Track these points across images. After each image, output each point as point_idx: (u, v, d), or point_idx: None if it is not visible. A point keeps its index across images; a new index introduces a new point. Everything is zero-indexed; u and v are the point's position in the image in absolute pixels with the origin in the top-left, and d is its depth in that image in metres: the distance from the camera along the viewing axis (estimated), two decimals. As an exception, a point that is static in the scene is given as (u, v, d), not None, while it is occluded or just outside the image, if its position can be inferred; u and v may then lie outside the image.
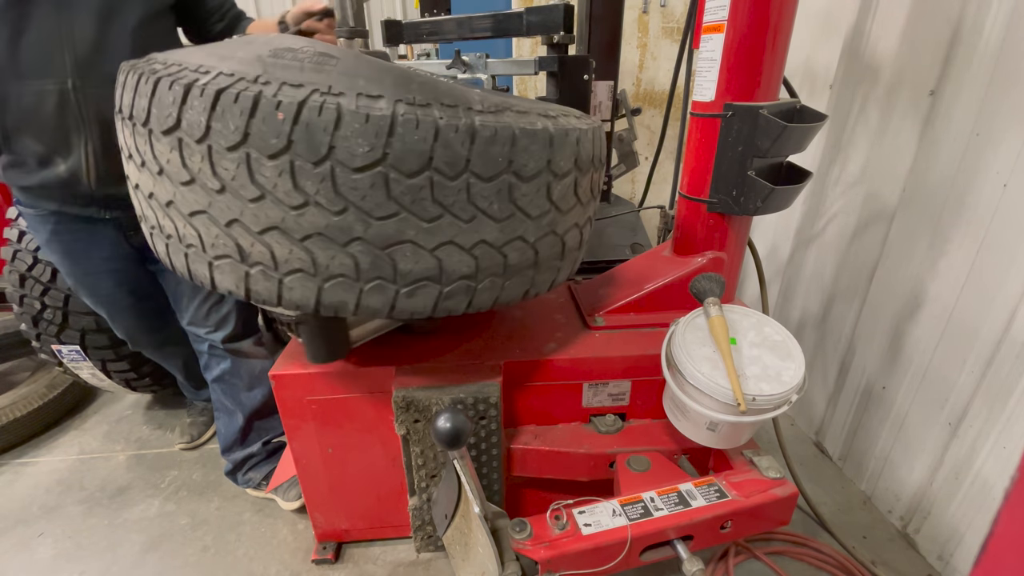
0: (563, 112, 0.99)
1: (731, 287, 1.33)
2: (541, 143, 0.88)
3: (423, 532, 1.31)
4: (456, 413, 0.90)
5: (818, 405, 1.86)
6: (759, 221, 2.16)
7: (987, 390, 1.25)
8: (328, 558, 1.43)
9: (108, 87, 0.98)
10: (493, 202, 0.86)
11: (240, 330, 1.56)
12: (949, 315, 1.33)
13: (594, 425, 1.30)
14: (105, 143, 1.24)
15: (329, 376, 1.19)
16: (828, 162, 1.74)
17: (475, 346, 1.28)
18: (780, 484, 1.11)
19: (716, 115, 1.13)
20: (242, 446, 1.66)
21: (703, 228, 1.27)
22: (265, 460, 1.69)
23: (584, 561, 0.99)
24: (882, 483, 1.59)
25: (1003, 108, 1.18)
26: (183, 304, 1.52)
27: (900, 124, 1.46)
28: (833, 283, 1.77)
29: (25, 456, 1.92)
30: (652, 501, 1.06)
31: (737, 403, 0.96)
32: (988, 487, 1.25)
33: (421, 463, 1.20)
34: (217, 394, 1.63)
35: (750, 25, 1.04)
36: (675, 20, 2.99)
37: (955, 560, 1.35)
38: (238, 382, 1.61)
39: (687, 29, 1.74)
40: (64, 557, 1.52)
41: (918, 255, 1.41)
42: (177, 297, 1.52)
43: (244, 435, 1.64)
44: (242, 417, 1.62)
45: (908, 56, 1.43)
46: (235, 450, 1.66)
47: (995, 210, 1.20)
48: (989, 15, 1.20)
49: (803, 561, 1.42)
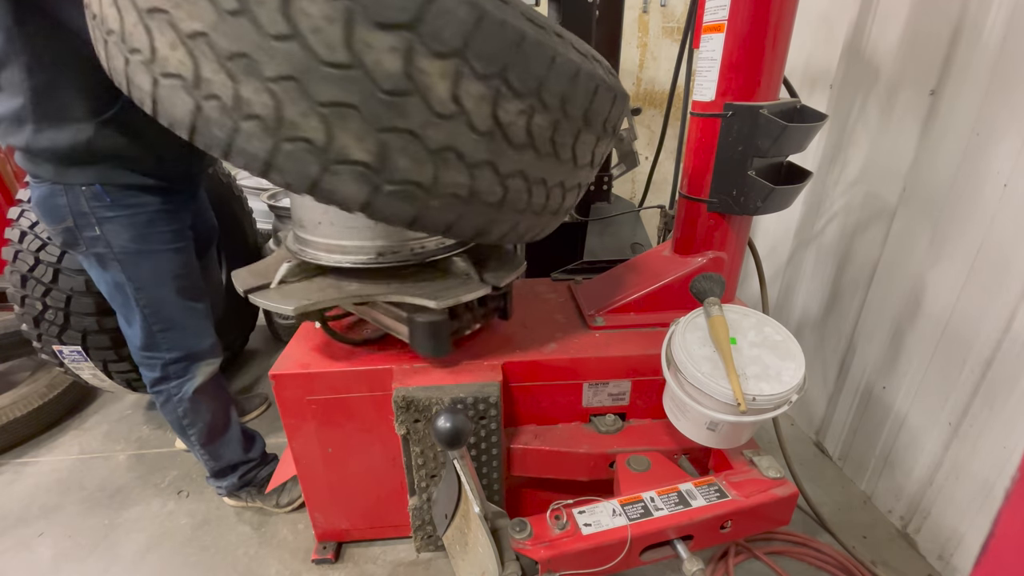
0: (599, 62, 0.99)
1: (731, 287, 1.33)
2: (605, 95, 0.91)
3: (423, 532, 1.31)
4: (456, 413, 0.90)
5: (818, 405, 1.86)
6: (759, 221, 2.16)
7: (987, 390, 1.25)
8: (328, 558, 1.43)
9: None
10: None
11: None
12: (949, 314, 1.33)
13: (594, 425, 1.30)
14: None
15: (329, 376, 1.19)
16: (828, 162, 1.74)
17: (475, 346, 1.28)
18: (780, 484, 1.11)
19: (716, 115, 1.13)
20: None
21: (703, 228, 1.27)
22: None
23: (584, 561, 0.99)
24: (882, 483, 1.59)
25: (1003, 108, 1.18)
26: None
27: (900, 124, 1.46)
28: (833, 283, 1.77)
29: (25, 456, 1.92)
30: (652, 501, 1.06)
31: (737, 403, 0.96)
32: (988, 487, 1.25)
33: (421, 463, 1.20)
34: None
35: (750, 25, 1.04)
36: (675, 20, 2.99)
37: (955, 560, 1.35)
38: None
39: (687, 29, 1.74)
40: (64, 557, 1.52)
41: (918, 255, 1.41)
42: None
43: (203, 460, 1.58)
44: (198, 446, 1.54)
45: (908, 56, 1.43)
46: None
47: (995, 210, 1.20)
48: (989, 15, 1.20)
49: (803, 561, 1.42)
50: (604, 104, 0.94)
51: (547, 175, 0.93)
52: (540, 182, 0.93)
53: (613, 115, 0.99)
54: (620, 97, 0.98)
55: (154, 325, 1.35)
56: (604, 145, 1.05)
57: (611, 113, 0.98)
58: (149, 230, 1.28)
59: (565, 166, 0.96)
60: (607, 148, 1.07)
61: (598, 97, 0.91)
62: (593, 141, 0.99)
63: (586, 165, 1.02)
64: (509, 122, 0.80)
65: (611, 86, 0.93)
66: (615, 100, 0.96)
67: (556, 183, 0.97)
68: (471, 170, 0.82)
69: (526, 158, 0.87)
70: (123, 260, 1.27)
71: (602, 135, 1.00)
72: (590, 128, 0.94)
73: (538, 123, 0.84)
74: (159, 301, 1.34)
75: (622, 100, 1.00)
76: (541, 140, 0.87)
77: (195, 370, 1.44)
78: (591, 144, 0.99)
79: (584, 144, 0.96)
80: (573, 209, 1.18)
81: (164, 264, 1.32)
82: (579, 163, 0.99)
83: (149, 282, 1.32)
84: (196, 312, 1.42)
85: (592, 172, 1.08)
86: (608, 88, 0.92)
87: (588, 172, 1.06)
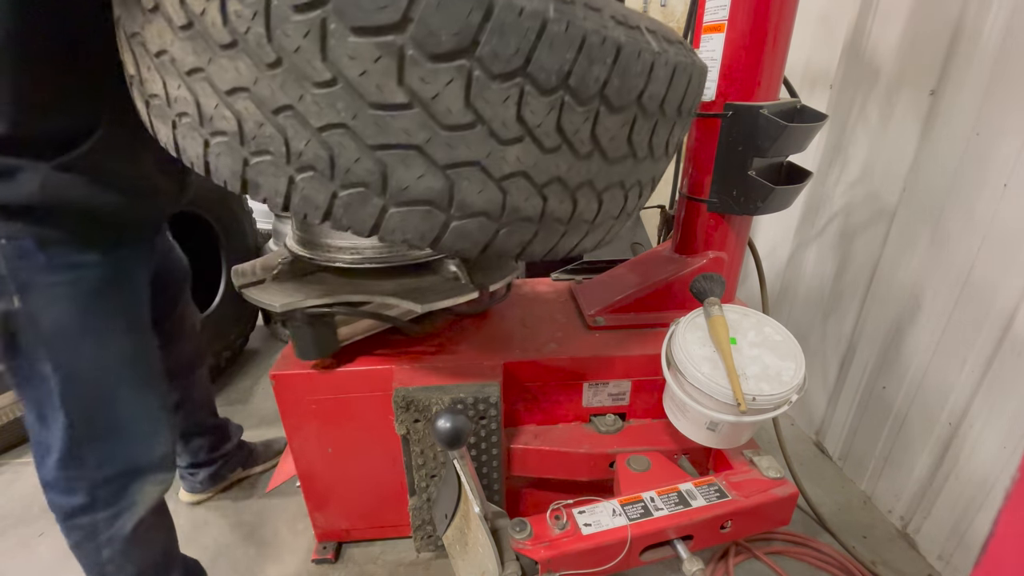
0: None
1: (731, 287, 1.33)
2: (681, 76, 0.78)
3: (423, 532, 1.31)
4: (456, 413, 0.90)
5: (818, 405, 1.86)
6: (759, 221, 2.16)
7: (987, 390, 1.25)
8: (328, 558, 1.43)
9: None
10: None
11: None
12: (949, 315, 1.33)
13: (594, 425, 1.30)
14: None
15: (329, 376, 1.19)
16: (828, 162, 1.74)
17: (475, 346, 1.28)
18: (780, 484, 1.11)
19: (716, 115, 1.13)
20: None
21: (703, 228, 1.27)
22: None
23: (584, 561, 0.99)
24: (882, 483, 1.59)
25: (1003, 108, 1.18)
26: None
27: (900, 124, 1.46)
28: (833, 283, 1.77)
29: (25, 456, 1.92)
30: (652, 501, 1.06)
31: (737, 403, 0.96)
32: (988, 487, 1.25)
33: (421, 463, 1.20)
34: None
35: (750, 25, 1.04)
36: (675, 20, 2.99)
37: (955, 560, 1.35)
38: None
39: (687, 29, 1.74)
40: (64, 557, 1.51)
41: (918, 254, 1.41)
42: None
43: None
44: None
45: (908, 56, 1.43)
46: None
47: (995, 210, 1.20)
48: (989, 15, 1.20)
49: (803, 561, 1.42)
50: (680, 86, 0.79)
51: (624, 177, 0.83)
52: (617, 185, 0.83)
53: (690, 94, 0.84)
54: (697, 72, 0.82)
55: (83, 432, 0.94)
56: (681, 131, 0.90)
57: (687, 92, 0.83)
58: (95, 302, 0.91)
59: (641, 164, 0.84)
60: (684, 131, 0.93)
61: (675, 80, 0.77)
62: (669, 130, 0.85)
63: (662, 156, 0.88)
64: (575, 131, 0.71)
65: (683, 63, 0.77)
66: (691, 78, 0.81)
67: (633, 183, 0.86)
68: (541, 190, 0.75)
69: (594, 166, 0.77)
70: (53, 344, 0.89)
71: (678, 121, 0.86)
72: (666, 116, 0.81)
73: (605, 125, 0.73)
74: (97, 399, 0.95)
75: (700, 74, 0.84)
76: (612, 142, 0.76)
77: (136, 493, 1.02)
78: (666, 133, 0.85)
79: (659, 135, 0.83)
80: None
81: (112, 348, 0.94)
82: (656, 155, 0.86)
83: (88, 373, 0.93)
84: (147, 409, 1.02)
85: (668, 160, 0.94)
86: (683, 67, 0.77)
87: (665, 162, 0.92)
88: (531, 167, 0.71)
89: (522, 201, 0.74)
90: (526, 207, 0.75)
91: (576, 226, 0.84)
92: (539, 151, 0.70)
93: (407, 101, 0.62)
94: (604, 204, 0.84)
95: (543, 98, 0.66)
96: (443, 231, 0.72)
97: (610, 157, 0.78)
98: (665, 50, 0.74)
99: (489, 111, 0.64)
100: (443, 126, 0.64)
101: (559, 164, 0.73)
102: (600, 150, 0.76)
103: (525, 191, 0.73)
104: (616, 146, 0.77)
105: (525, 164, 0.70)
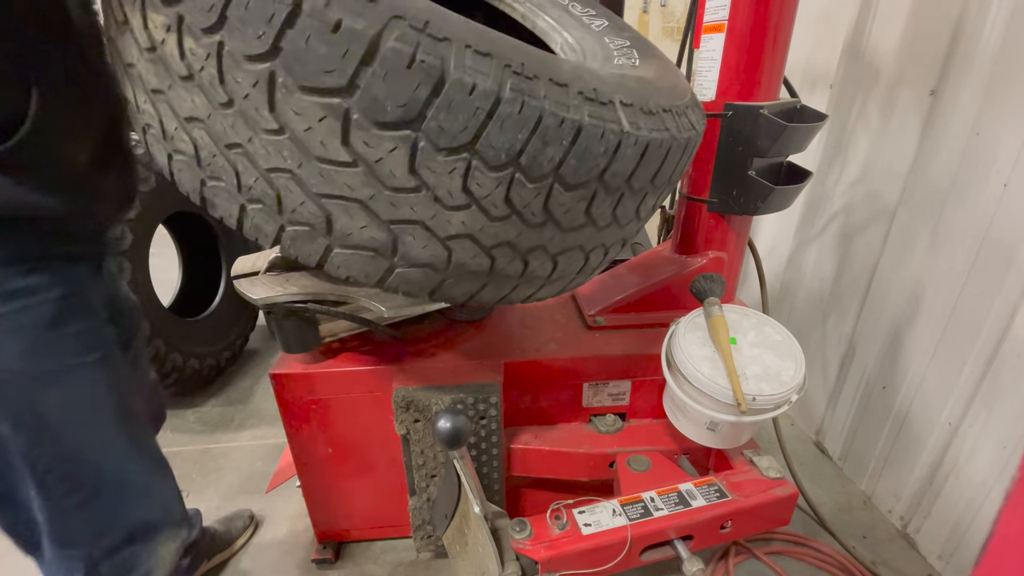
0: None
1: (731, 287, 1.33)
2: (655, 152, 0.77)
3: (423, 532, 1.31)
4: (456, 413, 0.90)
5: (818, 405, 1.86)
6: (759, 221, 2.16)
7: (987, 390, 1.25)
8: (328, 558, 1.43)
9: None
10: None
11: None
12: (949, 315, 1.33)
13: (594, 425, 1.30)
14: None
15: (329, 376, 1.19)
16: (828, 162, 1.74)
17: (475, 346, 1.28)
18: (780, 484, 1.11)
19: (716, 115, 1.13)
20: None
21: (703, 228, 1.27)
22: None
23: (584, 561, 0.99)
24: (882, 483, 1.59)
25: (1003, 108, 1.18)
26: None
27: (900, 124, 1.46)
28: (833, 283, 1.77)
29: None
30: (652, 501, 1.06)
31: (737, 403, 0.96)
32: (988, 487, 1.25)
33: (421, 463, 1.20)
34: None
35: (750, 25, 1.04)
36: (675, 20, 2.99)
37: (955, 560, 1.35)
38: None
39: (687, 29, 1.74)
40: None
41: (918, 254, 1.41)
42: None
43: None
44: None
45: (908, 56, 1.43)
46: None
47: (995, 210, 1.20)
48: (989, 15, 1.20)
49: (803, 561, 1.42)
50: (652, 162, 0.77)
51: (584, 242, 0.82)
52: (576, 248, 0.82)
53: (667, 167, 0.81)
54: (677, 144, 0.79)
55: (66, 497, 0.77)
56: (655, 199, 0.87)
57: (663, 166, 0.80)
58: (52, 335, 0.73)
59: (604, 231, 0.83)
60: (662, 198, 0.90)
61: (647, 157, 0.75)
62: (639, 200, 0.83)
63: (630, 222, 0.87)
64: (524, 204, 0.70)
65: (658, 139, 0.74)
66: (668, 152, 0.78)
67: (595, 246, 0.85)
68: (488, 252, 0.74)
69: (547, 233, 0.76)
70: (5, 394, 0.72)
71: (651, 191, 0.83)
72: (634, 190, 0.79)
73: (559, 200, 0.72)
74: (74, 453, 0.77)
75: (680, 146, 0.80)
76: (568, 214, 0.75)
77: (149, 560, 0.87)
78: (636, 203, 0.83)
79: (626, 206, 0.81)
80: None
81: (82, 388, 0.78)
82: (622, 223, 0.84)
83: (57, 423, 0.75)
84: (137, 454, 0.86)
85: (641, 223, 0.92)
86: (658, 143, 0.75)
87: (636, 225, 0.90)
88: (477, 231, 0.71)
89: (468, 259, 0.74)
90: (472, 264, 0.75)
91: (530, 280, 0.84)
92: (486, 219, 0.70)
93: (351, 160, 0.62)
94: (560, 265, 0.84)
95: (491, 173, 0.65)
96: (388, 275, 0.73)
97: (565, 227, 0.77)
98: (637, 127, 0.72)
99: (433, 179, 0.64)
100: (386, 187, 0.64)
101: (507, 231, 0.72)
102: (554, 220, 0.75)
103: (471, 251, 0.73)
104: (572, 217, 0.76)
105: (471, 228, 0.70)
